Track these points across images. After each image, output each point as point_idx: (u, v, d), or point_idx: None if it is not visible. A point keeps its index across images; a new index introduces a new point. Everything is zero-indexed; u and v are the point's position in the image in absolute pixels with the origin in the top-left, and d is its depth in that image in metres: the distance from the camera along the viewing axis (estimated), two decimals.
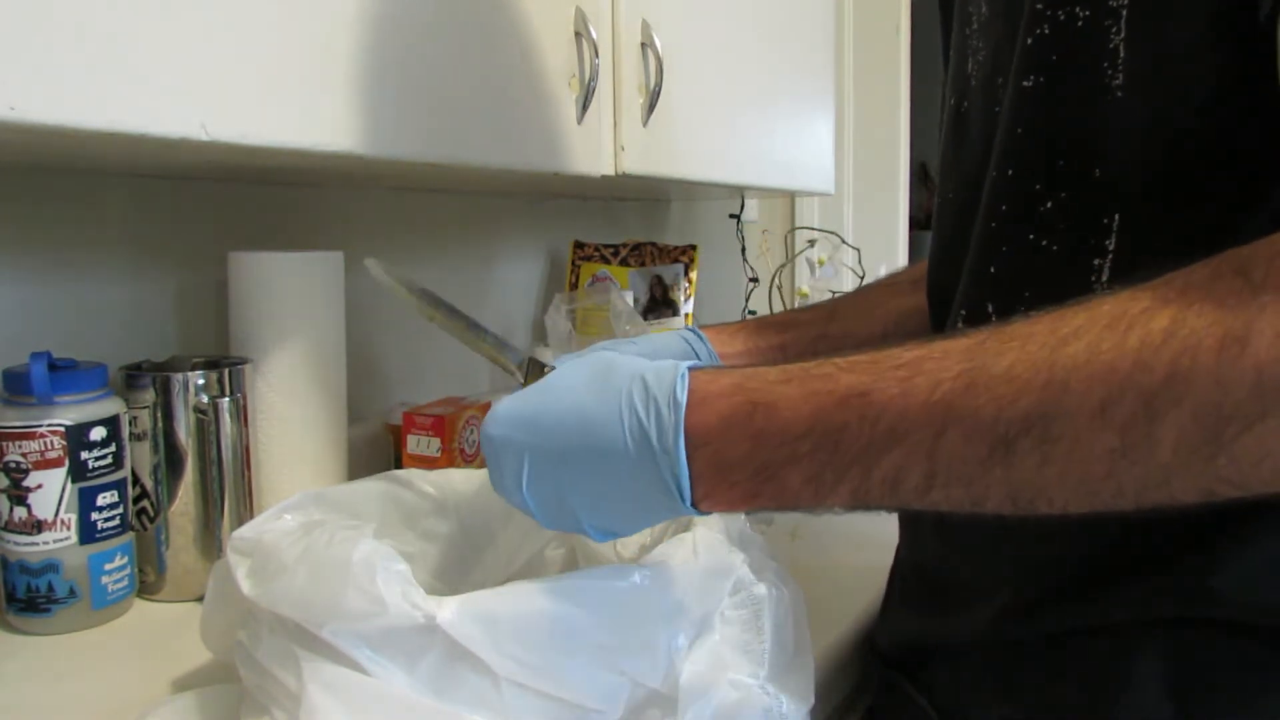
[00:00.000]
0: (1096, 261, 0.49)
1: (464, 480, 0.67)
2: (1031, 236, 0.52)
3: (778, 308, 1.73)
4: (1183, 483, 0.36)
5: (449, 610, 0.44)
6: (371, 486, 0.63)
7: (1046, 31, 0.51)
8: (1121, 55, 0.47)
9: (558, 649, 0.45)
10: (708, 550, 0.52)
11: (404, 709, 0.44)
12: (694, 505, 0.43)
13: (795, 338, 0.75)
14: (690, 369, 0.44)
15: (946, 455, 0.38)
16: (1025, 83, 0.53)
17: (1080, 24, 0.49)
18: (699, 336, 0.71)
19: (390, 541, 0.52)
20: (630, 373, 0.45)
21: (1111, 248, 0.49)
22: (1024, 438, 0.37)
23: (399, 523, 0.64)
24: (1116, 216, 0.48)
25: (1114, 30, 0.48)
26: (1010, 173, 0.55)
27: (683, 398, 0.43)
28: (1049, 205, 0.52)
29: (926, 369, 0.39)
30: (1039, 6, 0.52)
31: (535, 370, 0.58)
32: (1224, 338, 0.34)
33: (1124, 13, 0.47)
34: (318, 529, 0.49)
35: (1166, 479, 0.36)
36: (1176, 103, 0.45)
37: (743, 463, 0.42)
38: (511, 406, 0.47)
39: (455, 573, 0.65)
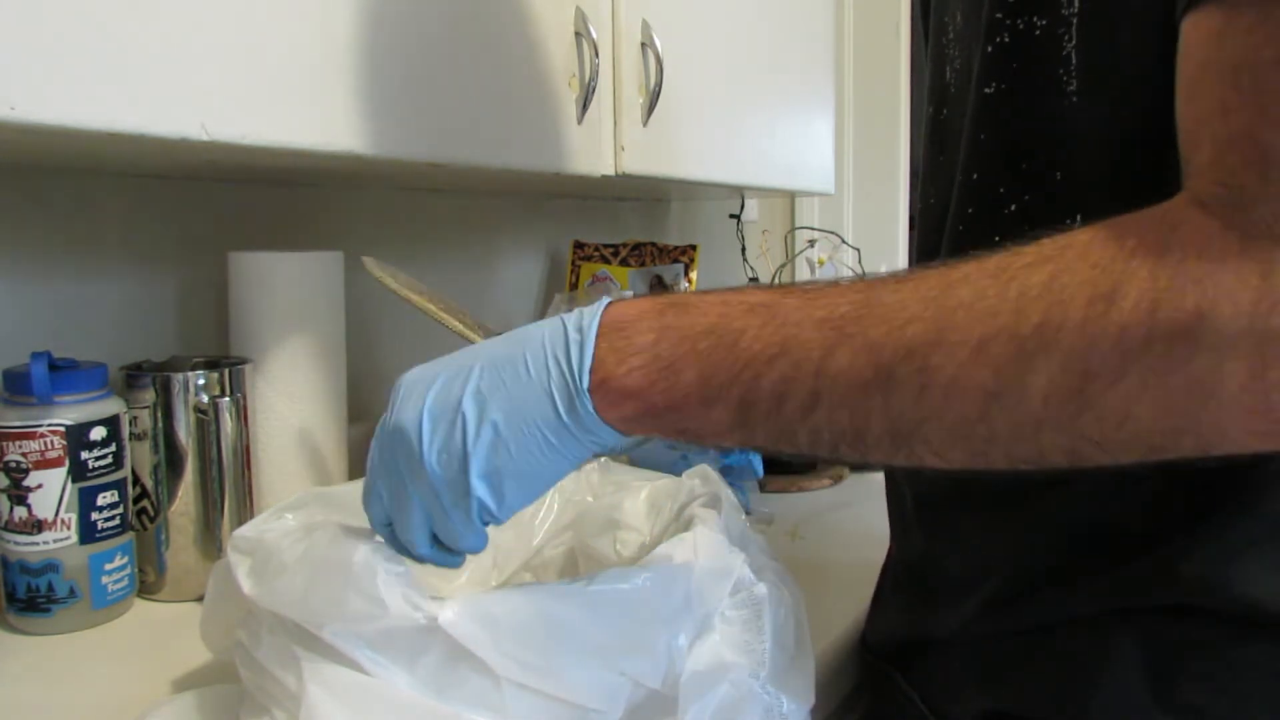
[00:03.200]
0: None
1: None
2: (996, 239, 0.53)
3: None
4: (1051, 436, 0.38)
5: (450, 611, 0.44)
6: None
7: (1006, 39, 0.53)
8: (1074, 61, 0.50)
9: (558, 650, 0.45)
10: (708, 550, 0.52)
11: (404, 709, 0.44)
12: (589, 393, 0.43)
13: None
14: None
15: (832, 373, 0.40)
16: (987, 89, 0.55)
17: (1037, 32, 0.51)
18: None
19: None
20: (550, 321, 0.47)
21: None
22: (905, 364, 0.39)
23: None
24: (1079, 217, 0.49)
25: (1066, 38, 0.50)
26: (975, 176, 0.56)
27: (606, 299, 0.45)
28: (1012, 208, 0.53)
29: (829, 293, 0.42)
30: (998, 15, 0.53)
31: None
32: (1093, 296, 0.36)
33: (1074, 20, 0.49)
34: (319, 530, 0.49)
35: (1037, 430, 0.38)
36: (1126, 105, 0.48)
37: (642, 350, 0.43)
38: (439, 359, 0.48)
39: (455, 573, 0.65)
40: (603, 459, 0.72)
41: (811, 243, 1.71)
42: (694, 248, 1.45)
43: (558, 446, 0.45)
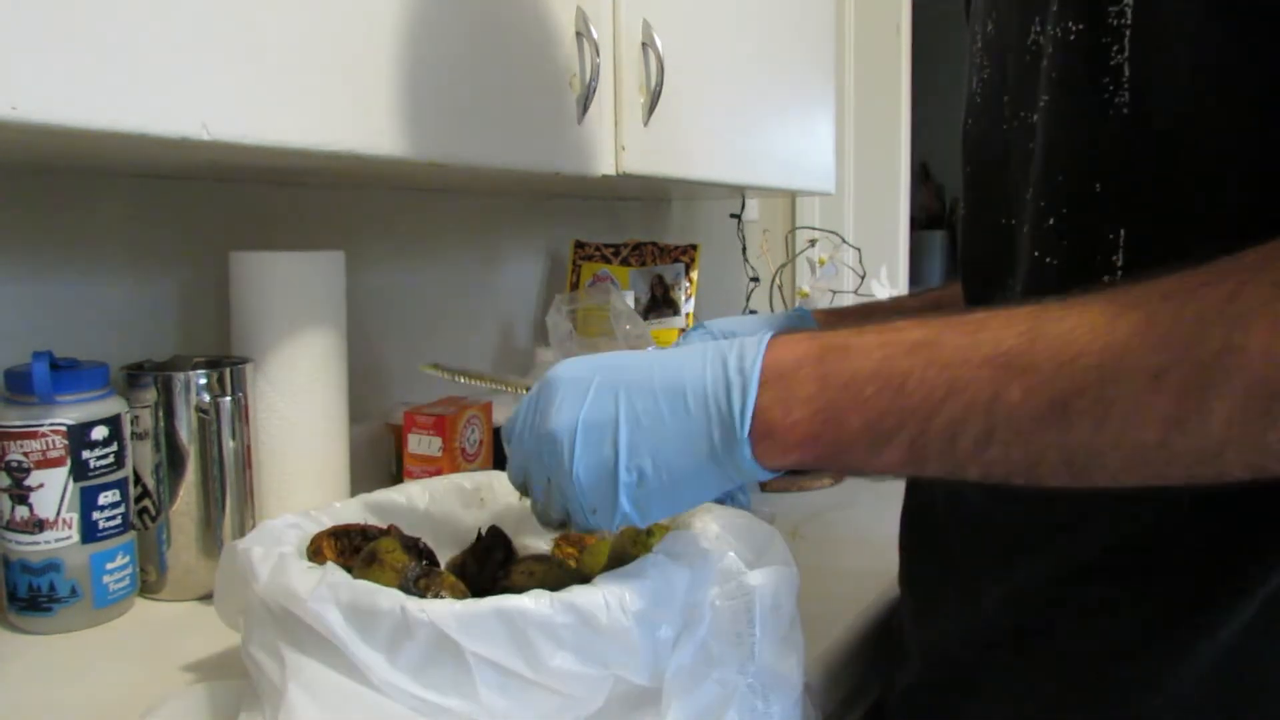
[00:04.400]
0: (1106, 278, 0.49)
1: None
2: (1037, 254, 0.53)
3: (778, 307, 1.73)
4: (1236, 455, 0.37)
5: (434, 604, 0.45)
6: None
7: (1049, 49, 0.51)
8: (1126, 74, 0.48)
9: (540, 643, 0.45)
10: (697, 541, 0.52)
11: (381, 713, 0.44)
12: (750, 440, 0.44)
13: None
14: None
15: (1005, 411, 0.39)
16: (1027, 99, 0.53)
17: (1072, 37, 0.50)
18: (808, 318, 0.72)
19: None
20: (721, 343, 0.47)
21: (1120, 264, 0.49)
22: (1080, 398, 0.38)
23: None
24: (1122, 232, 0.49)
25: (1116, 49, 0.48)
26: (1023, 198, 0.55)
27: (767, 338, 0.45)
28: (1051, 222, 0.52)
29: (991, 326, 0.40)
30: (1037, 25, 0.52)
31: None
32: (1277, 316, 0.35)
33: (1127, 32, 0.47)
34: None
35: (1220, 451, 0.37)
36: (1182, 120, 0.45)
37: (808, 400, 0.43)
38: (585, 357, 0.48)
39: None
40: None
41: (812, 242, 1.71)
42: (694, 247, 1.45)
43: (708, 482, 0.46)
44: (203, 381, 0.77)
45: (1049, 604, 0.54)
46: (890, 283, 1.59)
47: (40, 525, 0.71)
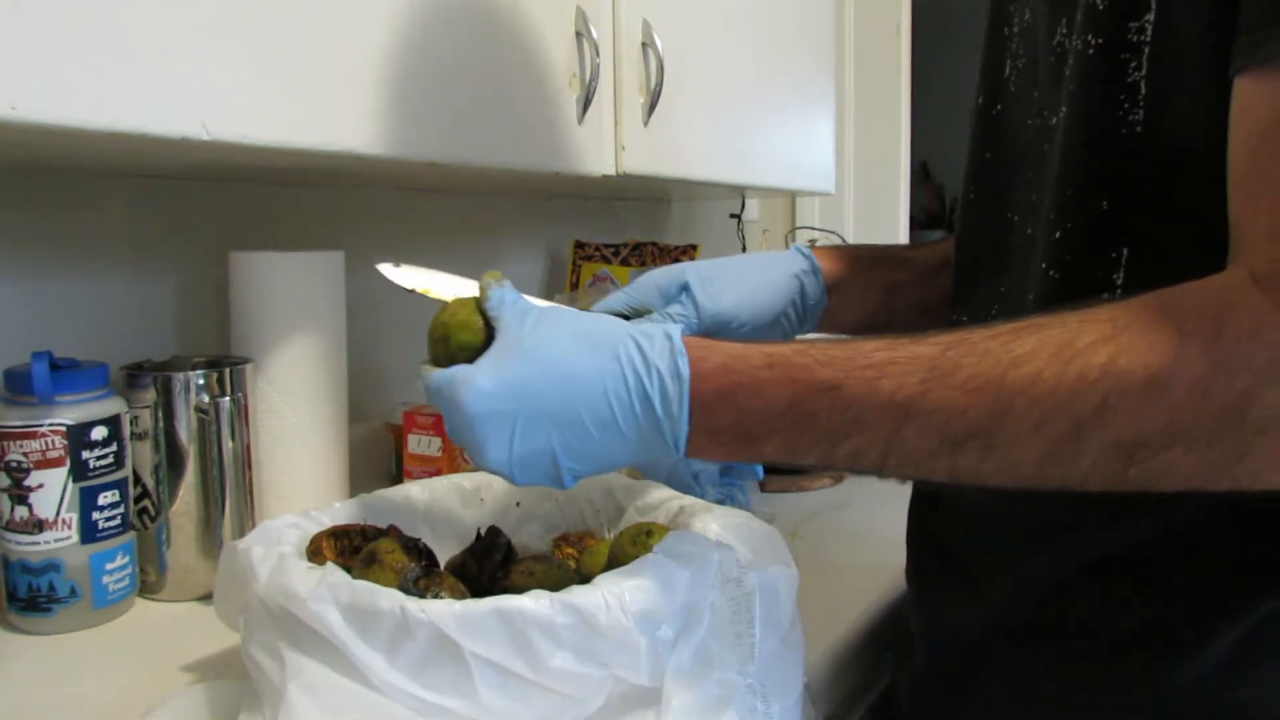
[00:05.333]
0: (1106, 296, 0.50)
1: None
2: (1043, 265, 0.53)
3: None
4: (1096, 483, 0.43)
5: (434, 605, 0.45)
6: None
7: (1070, 60, 0.51)
8: (1142, 91, 0.48)
9: (540, 643, 0.45)
10: (697, 541, 0.52)
11: (381, 713, 0.44)
12: (683, 451, 0.48)
13: (908, 279, 0.74)
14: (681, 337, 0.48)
15: (901, 445, 0.44)
16: (1052, 101, 0.53)
17: (1091, 51, 0.49)
18: (813, 270, 0.70)
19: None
20: (618, 337, 0.48)
21: (1120, 282, 0.49)
22: (970, 441, 0.43)
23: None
24: (1125, 251, 0.49)
25: (1134, 66, 0.48)
26: (1033, 200, 0.55)
27: (685, 371, 0.47)
28: (1058, 235, 0.52)
29: (891, 372, 0.44)
30: (1064, 28, 0.52)
31: None
32: (1149, 381, 0.40)
33: (1146, 49, 0.47)
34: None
35: (1083, 480, 0.43)
36: (1197, 144, 0.46)
37: (729, 429, 0.47)
38: (496, 377, 0.48)
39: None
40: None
41: (812, 242, 1.71)
42: (694, 247, 1.45)
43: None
44: (202, 382, 0.77)
45: (1053, 600, 0.54)
46: None
47: (40, 525, 0.71)
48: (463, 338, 0.52)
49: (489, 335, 0.51)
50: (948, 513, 0.63)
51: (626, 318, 0.64)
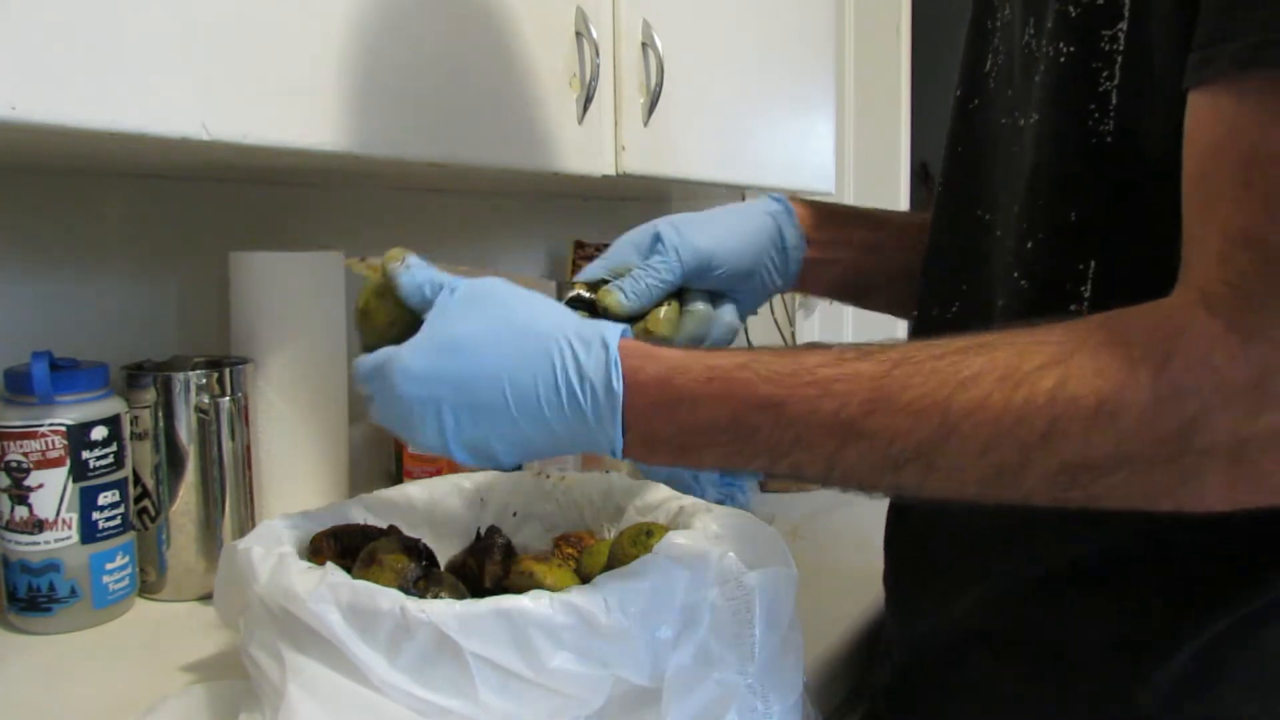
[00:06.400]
0: (1074, 307, 0.49)
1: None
2: (1015, 274, 0.52)
3: (778, 308, 1.73)
4: (1039, 502, 0.42)
5: (433, 605, 0.45)
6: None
7: (1041, 66, 0.50)
8: (1113, 101, 0.47)
9: (540, 643, 0.45)
10: (697, 541, 0.52)
11: (381, 713, 0.44)
12: (624, 458, 0.48)
13: (888, 240, 0.72)
14: (620, 342, 0.47)
15: (843, 463, 0.44)
16: (1023, 103, 0.53)
17: (1064, 60, 0.49)
18: (788, 214, 0.67)
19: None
20: (553, 336, 0.47)
21: (1088, 295, 0.49)
22: (913, 463, 0.43)
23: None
24: (1092, 264, 0.49)
25: (1105, 75, 0.47)
26: (1002, 201, 0.55)
27: (618, 386, 0.46)
28: (1029, 245, 0.52)
29: (835, 391, 0.44)
30: (1031, 29, 0.51)
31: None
32: (1098, 407, 0.39)
33: (1119, 58, 0.47)
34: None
35: (1026, 500, 0.42)
36: (1167, 156, 0.44)
37: (668, 441, 0.47)
38: (427, 364, 0.48)
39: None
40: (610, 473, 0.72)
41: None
42: None
43: None
44: (202, 382, 0.77)
45: (1024, 608, 0.54)
46: None
47: (40, 525, 0.71)
48: (378, 319, 0.53)
49: (411, 312, 0.51)
50: (922, 519, 0.63)
51: (594, 289, 0.62)
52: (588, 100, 0.93)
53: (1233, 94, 0.39)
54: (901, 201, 2.24)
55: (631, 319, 0.60)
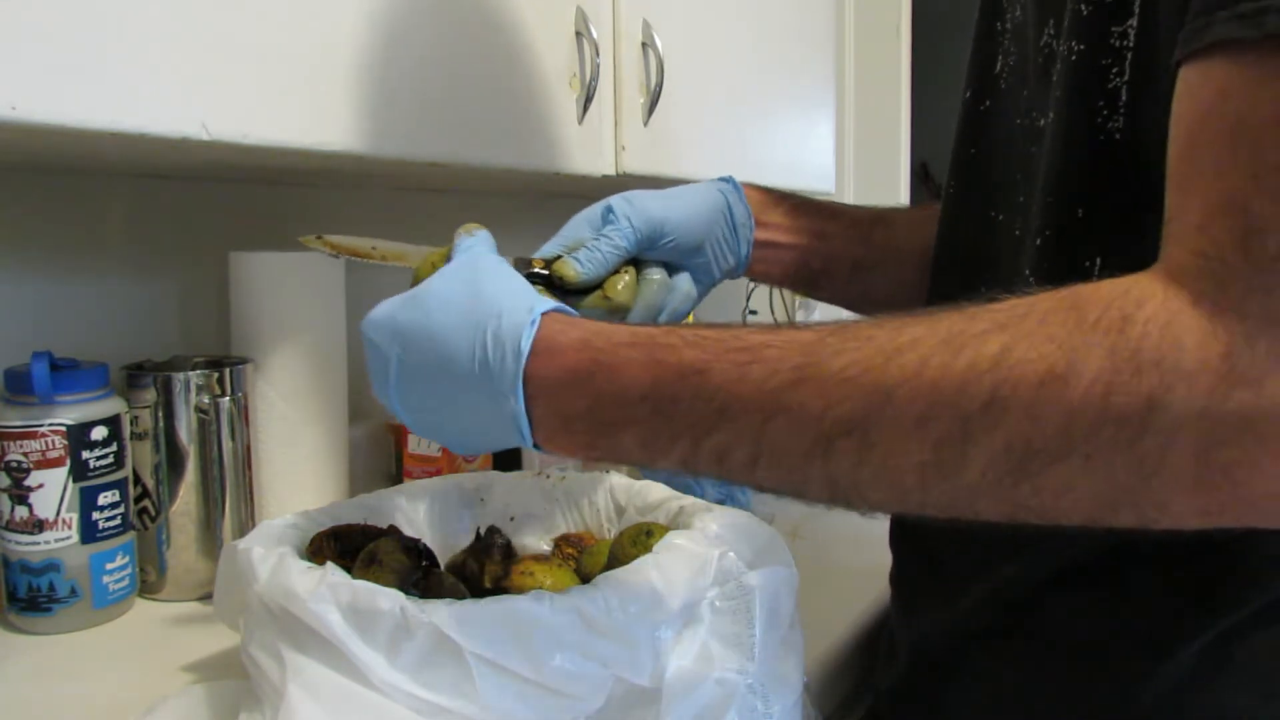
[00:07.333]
0: None
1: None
2: (1026, 271, 0.52)
3: (778, 307, 1.73)
4: (987, 504, 0.38)
5: (433, 606, 0.45)
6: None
7: (1058, 65, 0.50)
8: (1123, 98, 0.46)
9: (539, 644, 0.45)
10: (697, 541, 0.52)
11: (381, 713, 0.44)
12: (536, 445, 0.45)
13: (839, 230, 0.71)
14: (545, 312, 0.45)
15: (771, 441, 0.40)
16: (1039, 104, 0.52)
17: (1075, 58, 0.48)
18: (737, 191, 0.67)
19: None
20: (493, 305, 0.45)
21: None
22: (844, 438, 0.38)
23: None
24: (1098, 260, 0.48)
25: (1115, 72, 0.47)
26: (1016, 202, 0.55)
27: (525, 347, 0.44)
28: (1038, 242, 0.52)
29: (766, 356, 0.40)
30: (1050, 29, 0.51)
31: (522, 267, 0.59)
32: (1046, 373, 0.35)
33: (1129, 55, 0.46)
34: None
35: (973, 498, 0.38)
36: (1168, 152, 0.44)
37: (582, 416, 0.43)
38: (388, 312, 0.48)
39: None
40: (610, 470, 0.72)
41: None
42: None
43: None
44: (202, 382, 0.77)
45: (1028, 605, 0.54)
46: None
47: (40, 525, 0.71)
48: None
49: None
50: (926, 518, 0.63)
51: (551, 263, 0.61)
52: (588, 100, 0.93)
53: (1223, 62, 0.36)
54: (901, 201, 2.24)
55: (588, 289, 0.60)
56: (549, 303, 0.46)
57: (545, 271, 0.59)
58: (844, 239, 0.71)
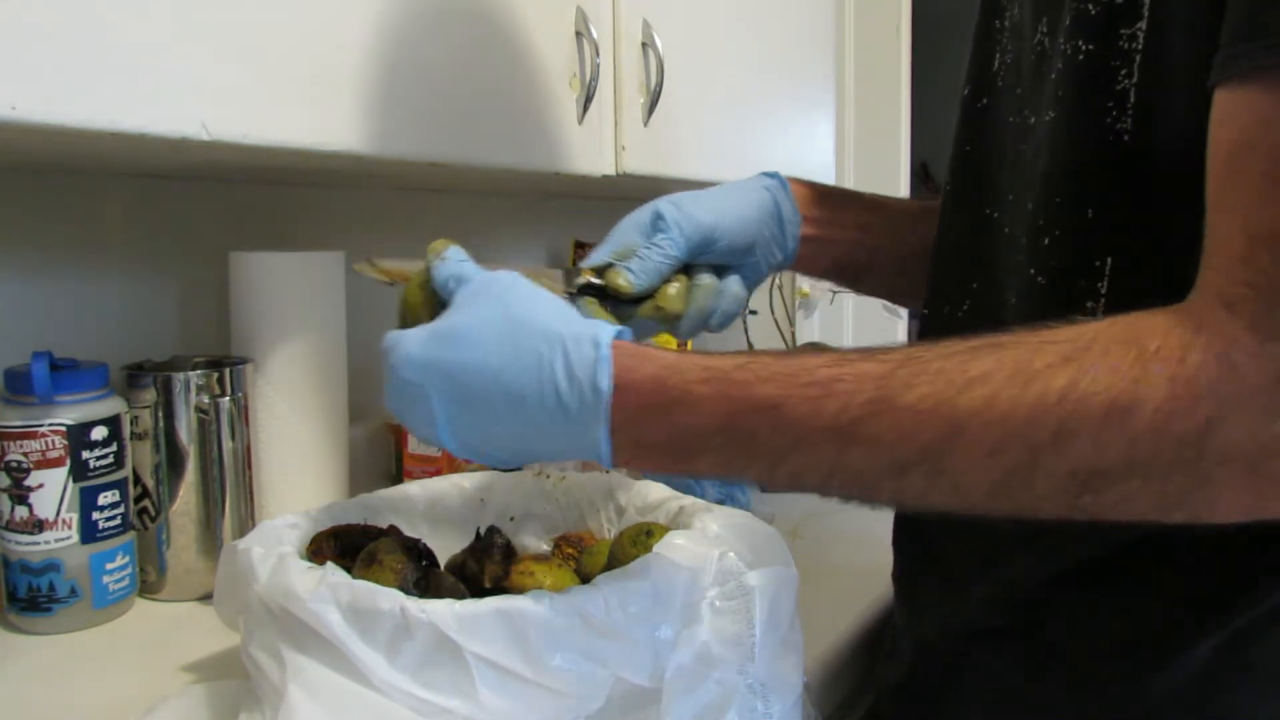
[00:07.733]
0: (1090, 304, 0.49)
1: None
2: (1032, 271, 0.52)
3: (778, 308, 1.73)
4: (1048, 508, 0.41)
5: (433, 606, 0.45)
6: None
7: (1059, 64, 0.50)
8: (1131, 99, 0.47)
9: (539, 644, 0.45)
10: (697, 541, 0.52)
11: (381, 713, 0.44)
12: (613, 466, 0.47)
13: (882, 224, 0.72)
14: (613, 342, 0.46)
15: (845, 467, 0.42)
16: (1033, 102, 0.53)
17: (1082, 58, 0.49)
18: (784, 188, 0.67)
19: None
20: (548, 335, 0.46)
21: (1104, 291, 0.49)
22: (918, 466, 0.41)
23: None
24: (1109, 260, 0.48)
25: (1124, 74, 0.47)
26: (1012, 199, 0.55)
27: (605, 386, 0.44)
28: (1045, 241, 0.52)
29: (837, 391, 0.42)
30: (1044, 28, 0.51)
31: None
32: (1111, 404, 0.38)
33: (1138, 57, 0.46)
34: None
35: (1036, 507, 0.41)
36: (1183, 156, 0.44)
37: (660, 445, 0.45)
38: (425, 352, 0.47)
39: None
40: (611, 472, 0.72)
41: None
42: None
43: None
44: (202, 382, 0.77)
45: (1035, 604, 0.54)
46: None
47: (40, 525, 0.71)
48: (416, 309, 0.53)
49: (444, 304, 0.51)
50: (932, 516, 0.63)
51: (601, 274, 0.61)
52: (588, 100, 0.93)
53: (1261, 90, 0.38)
54: None
55: (640, 298, 0.60)
56: (609, 328, 0.46)
57: (599, 281, 0.59)
58: (886, 233, 0.71)
